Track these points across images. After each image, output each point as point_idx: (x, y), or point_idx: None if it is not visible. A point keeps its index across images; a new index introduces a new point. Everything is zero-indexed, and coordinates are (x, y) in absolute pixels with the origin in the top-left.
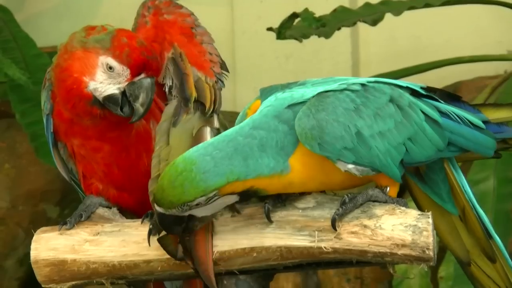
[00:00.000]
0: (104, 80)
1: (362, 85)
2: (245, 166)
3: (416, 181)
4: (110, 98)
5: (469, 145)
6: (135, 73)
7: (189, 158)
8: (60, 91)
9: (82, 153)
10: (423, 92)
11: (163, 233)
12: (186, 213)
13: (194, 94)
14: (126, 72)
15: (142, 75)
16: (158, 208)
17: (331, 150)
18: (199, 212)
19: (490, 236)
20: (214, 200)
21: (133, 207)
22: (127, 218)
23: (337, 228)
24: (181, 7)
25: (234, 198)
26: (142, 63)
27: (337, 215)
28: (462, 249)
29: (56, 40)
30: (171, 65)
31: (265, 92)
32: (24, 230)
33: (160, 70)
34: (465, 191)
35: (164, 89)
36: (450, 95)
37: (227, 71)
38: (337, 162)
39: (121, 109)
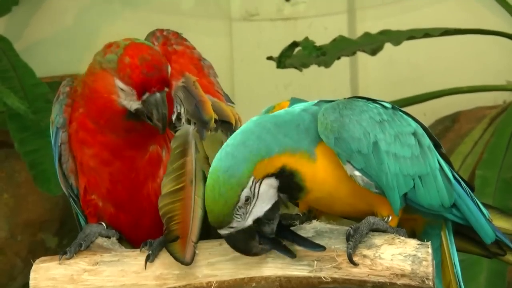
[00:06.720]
0: (126, 97)
1: (393, 107)
2: (264, 144)
3: None
4: (138, 111)
5: (472, 219)
6: (140, 92)
7: (212, 171)
8: (92, 109)
9: (91, 164)
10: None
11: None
12: (248, 220)
13: (214, 116)
14: (133, 92)
15: (147, 94)
16: (223, 231)
17: (345, 148)
18: (258, 211)
19: None
20: (258, 188)
21: (126, 229)
22: (126, 248)
23: (355, 262)
24: (186, 39)
25: (274, 182)
26: (141, 83)
27: (350, 249)
28: None
29: (55, 69)
30: (182, 93)
31: (295, 100)
32: (22, 260)
33: (169, 79)
34: (454, 264)
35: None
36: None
37: (233, 103)
38: (346, 163)
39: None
